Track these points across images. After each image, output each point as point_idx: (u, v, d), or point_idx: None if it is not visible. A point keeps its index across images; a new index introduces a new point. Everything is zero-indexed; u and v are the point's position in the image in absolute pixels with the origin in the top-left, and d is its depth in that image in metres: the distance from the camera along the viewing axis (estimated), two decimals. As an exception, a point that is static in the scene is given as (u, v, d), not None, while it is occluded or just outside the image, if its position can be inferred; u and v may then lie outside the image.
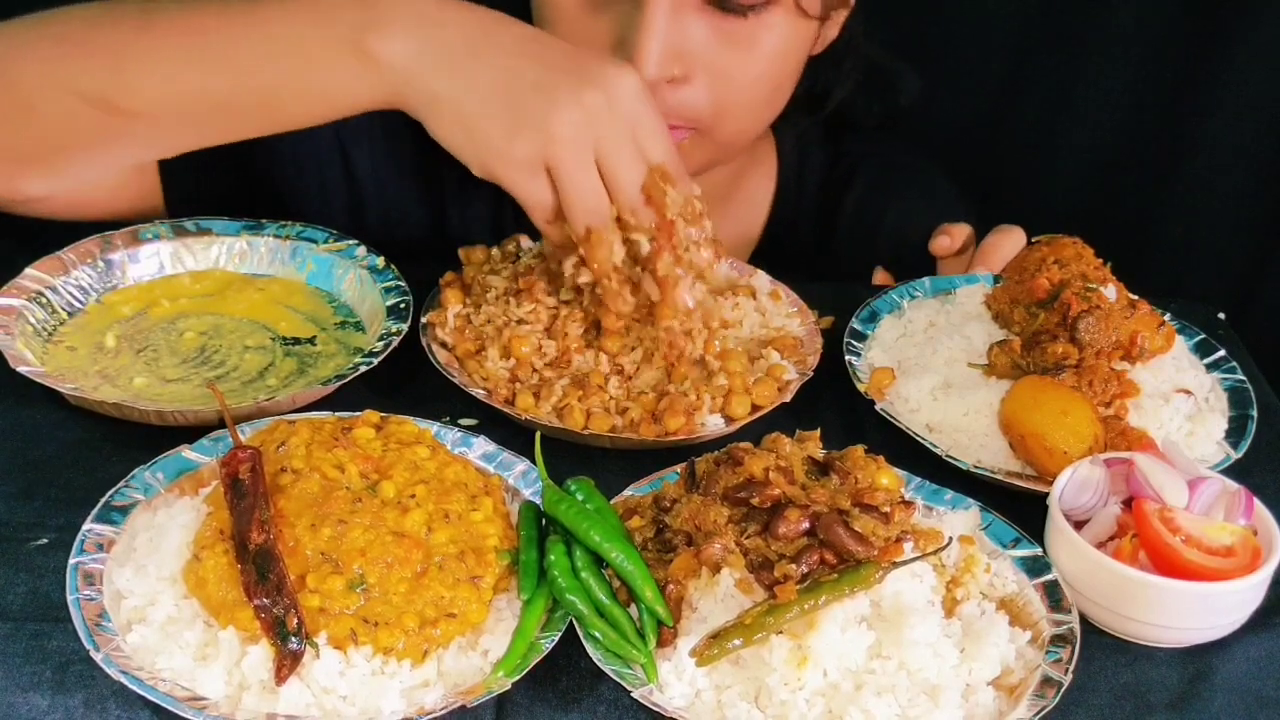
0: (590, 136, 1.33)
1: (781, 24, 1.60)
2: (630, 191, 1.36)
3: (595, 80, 1.33)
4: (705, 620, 1.14)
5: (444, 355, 1.48)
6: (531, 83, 1.33)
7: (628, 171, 1.35)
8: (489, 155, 1.35)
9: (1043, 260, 1.53)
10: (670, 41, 1.53)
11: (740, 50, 1.59)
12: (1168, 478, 1.26)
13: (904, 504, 1.21)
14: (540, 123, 1.32)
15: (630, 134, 1.35)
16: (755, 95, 1.67)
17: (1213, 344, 1.60)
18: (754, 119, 1.72)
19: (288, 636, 1.08)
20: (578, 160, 1.33)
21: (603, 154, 1.34)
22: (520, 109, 1.33)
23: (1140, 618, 1.22)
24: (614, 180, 1.35)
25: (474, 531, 1.20)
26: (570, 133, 1.31)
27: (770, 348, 1.53)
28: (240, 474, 1.16)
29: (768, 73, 1.64)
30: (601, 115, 1.33)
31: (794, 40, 1.64)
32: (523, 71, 1.34)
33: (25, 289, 1.49)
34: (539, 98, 1.32)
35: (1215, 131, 2.19)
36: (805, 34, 1.66)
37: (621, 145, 1.34)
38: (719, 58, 1.58)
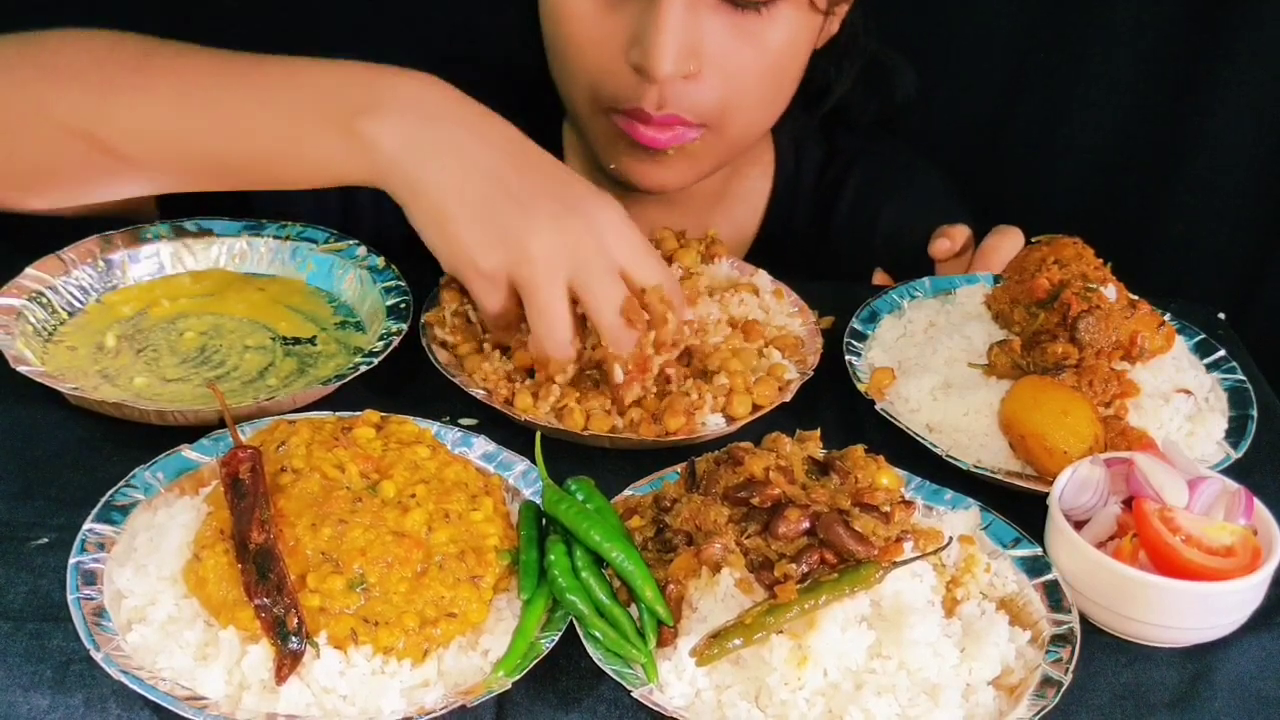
0: (567, 264, 1.33)
1: (791, 18, 1.61)
2: (609, 320, 1.36)
3: (578, 208, 1.34)
4: (705, 620, 1.14)
5: (444, 355, 1.48)
6: (514, 198, 1.34)
7: (605, 297, 1.35)
8: (458, 259, 1.37)
9: (1043, 260, 1.53)
10: (685, 38, 1.54)
11: (752, 45, 1.60)
12: (1168, 478, 1.26)
13: (904, 504, 1.21)
14: (515, 242, 1.32)
15: (609, 264, 1.35)
16: (765, 90, 1.68)
17: (1213, 344, 1.60)
18: (763, 114, 1.73)
19: (288, 636, 1.08)
20: (550, 288, 1.34)
21: (579, 283, 1.34)
22: (497, 223, 1.34)
23: (1140, 618, 1.22)
24: (594, 308, 1.35)
25: (474, 531, 1.20)
26: (545, 258, 1.32)
27: (771, 347, 1.53)
28: (240, 473, 1.16)
29: (777, 67, 1.65)
30: (580, 243, 1.33)
31: (802, 34, 1.65)
32: (507, 182, 1.35)
33: (25, 289, 1.49)
34: (518, 216, 1.33)
35: (1215, 131, 2.18)
36: (812, 27, 1.67)
37: (600, 274, 1.35)
38: (731, 53, 1.59)
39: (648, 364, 1.39)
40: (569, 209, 1.35)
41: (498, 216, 1.34)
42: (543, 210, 1.34)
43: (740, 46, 1.59)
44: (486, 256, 1.34)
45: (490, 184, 1.35)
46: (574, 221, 1.34)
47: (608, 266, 1.36)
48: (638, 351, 1.39)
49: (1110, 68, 2.19)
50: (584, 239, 1.34)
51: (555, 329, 1.36)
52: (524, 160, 1.39)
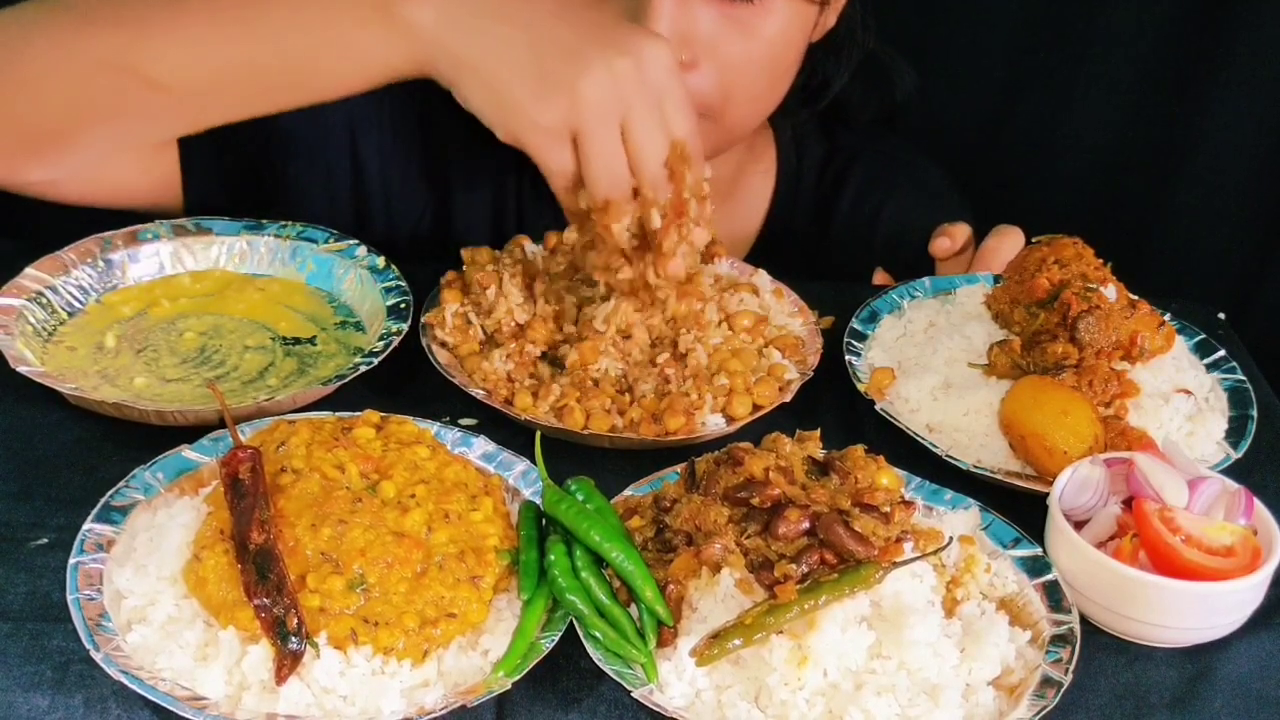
0: (619, 104, 1.32)
1: (784, 8, 1.61)
2: (653, 165, 1.36)
3: (627, 48, 1.33)
4: (705, 620, 1.14)
5: (444, 355, 1.48)
6: (562, 47, 1.33)
7: (652, 143, 1.35)
8: (516, 121, 1.35)
9: (1043, 260, 1.53)
10: (677, 27, 1.53)
11: (745, 35, 1.60)
12: (1168, 478, 1.26)
13: (904, 504, 1.21)
14: (569, 88, 1.31)
15: (658, 105, 1.35)
16: (760, 80, 1.68)
17: (1213, 344, 1.60)
18: (758, 104, 1.73)
19: (288, 636, 1.08)
20: (604, 127, 1.33)
21: (629, 123, 1.33)
22: (549, 74, 1.32)
23: (1140, 617, 1.22)
24: (638, 152, 1.35)
25: (474, 531, 1.20)
26: (599, 99, 1.31)
27: (771, 347, 1.53)
28: (240, 474, 1.16)
29: (771, 57, 1.65)
30: (631, 83, 1.32)
31: (796, 24, 1.66)
32: (554, 36, 1.34)
33: (25, 289, 1.49)
34: (569, 63, 1.32)
35: (1215, 131, 2.19)
36: (806, 18, 1.68)
37: (648, 116, 1.34)
38: (724, 43, 1.59)
39: (684, 208, 1.38)
40: (617, 49, 1.33)
41: (548, 70, 1.33)
42: (592, 54, 1.32)
43: (734, 36, 1.59)
44: (545, 111, 1.33)
45: (537, 44, 1.34)
46: (624, 61, 1.32)
47: (654, 108, 1.35)
48: (674, 197, 1.38)
49: (1110, 68, 2.20)
50: (634, 79, 1.33)
51: (613, 167, 1.34)
52: (567, 13, 1.37)
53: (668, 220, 1.38)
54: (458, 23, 1.35)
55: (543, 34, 1.34)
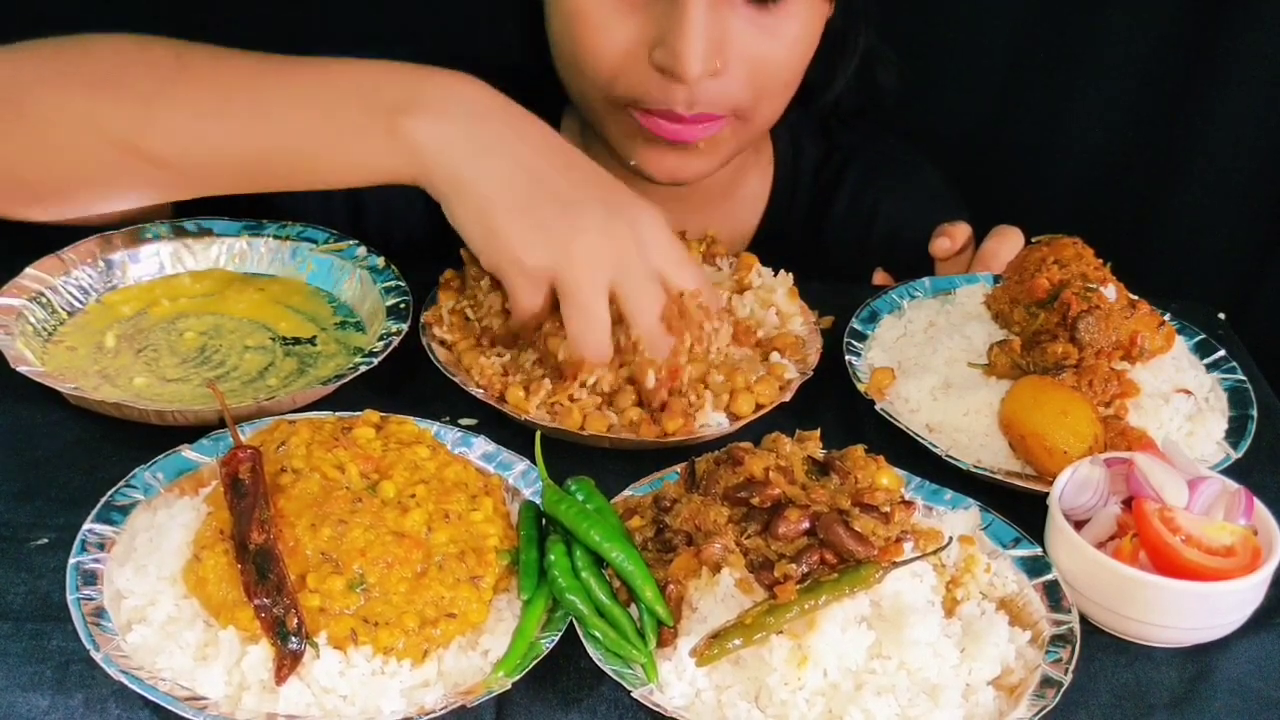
0: (609, 267, 1.34)
1: (805, 8, 1.63)
2: (649, 324, 1.37)
3: (621, 211, 1.35)
4: (705, 620, 1.14)
5: (444, 355, 1.48)
6: (559, 198, 1.34)
7: (648, 304, 1.37)
8: (501, 257, 1.36)
9: (1043, 260, 1.53)
10: (710, 37, 1.54)
11: (773, 38, 1.62)
12: (1168, 477, 1.26)
13: (904, 504, 1.21)
14: (560, 242, 1.33)
15: (651, 269, 1.36)
16: (787, 80, 1.69)
17: (1213, 344, 1.60)
18: (780, 103, 1.73)
19: (288, 636, 1.08)
20: (593, 292, 1.34)
21: (621, 285, 1.35)
22: (542, 222, 1.34)
23: (1140, 617, 1.22)
24: (634, 312, 1.36)
25: (474, 531, 1.20)
26: (589, 259, 1.33)
27: (772, 347, 1.53)
28: (240, 474, 1.16)
29: (795, 56, 1.67)
30: (624, 247, 1.34)
31: (814, 21, 1.68)
32: (552, 183, 1.35)
33: (25, 289, 1.49)
34: (564, 216, 1.34)
35: (1215, 131, 2.19)
36: (822, 14, 1.69)
37: (641, 278, 1.36)
38: (752, 47, 1.60)
39: (678, 372, 1.40)
40: (613, 212, 1.35)
41: (543, 216, 1.34)
42: (587, 212, 1.34)
43: (762, 40, 1.61)
44: (531, 255, 1.34)
45: (535, 184, 1.35)
46: (618, 224, 1.35)
47: (649, 271, 1.37)
48: (671, 358, 1.40)
49: (1110, 68, 2.20)
50: (627, 242, 1.35)
51: (595, 329, 1.36)
52: (567, 162, 1.39)
53: (661, 382, 1.39)
54: (460, 149, 1.36)
55: (543, 180, 1.35)
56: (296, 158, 1.43)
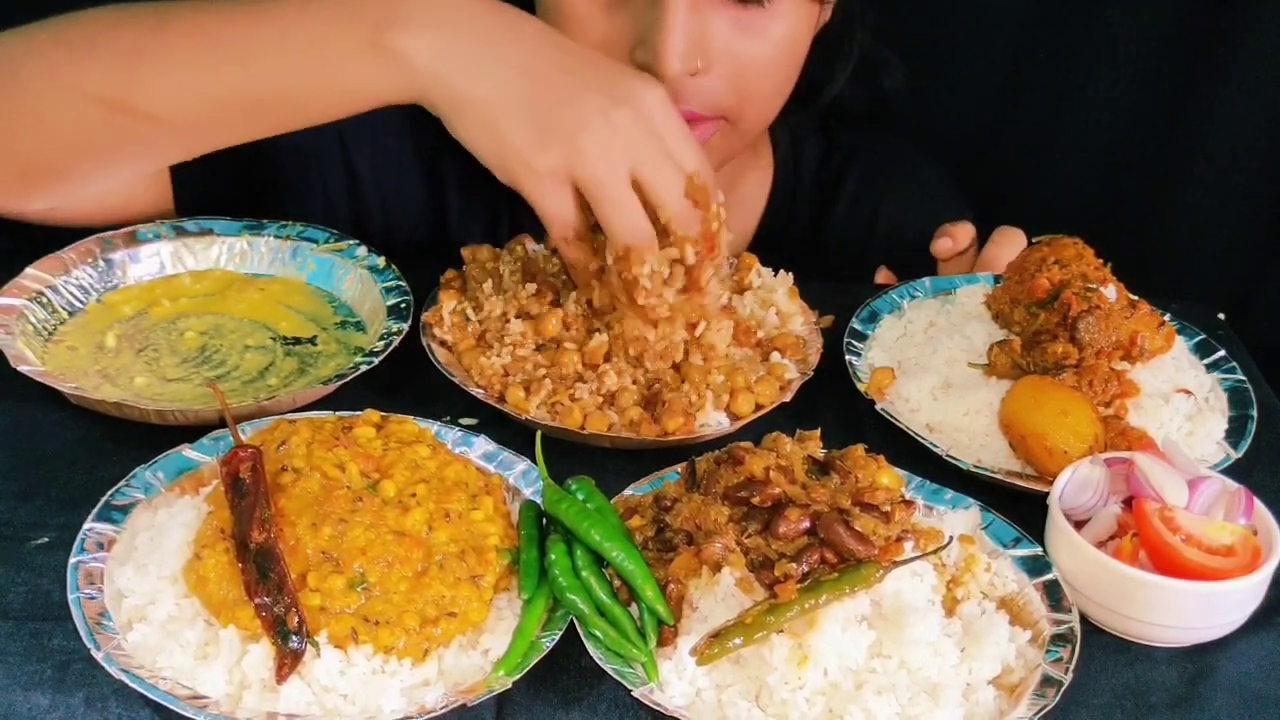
0: (625, 155, 1.32)
1: (792, 10, 1.62)
2: (676, 204, 1.36)
3: (623, 96, 1.33)
4: (706, 619, 1.14)
5: (444, 355, 1.48)
6: (560, 94, 1.33)
7: (669, 184, 1.35)
8: (514, 164, 1.34)
9: (1043, 260, 1.53)
10: (691, 35, 1.53)
11: (756, 38, 1.60)
12: (1168, 477, 1.27)
13: (904, 503, 1.21)
14: (568, 138, 1.31)
15: (664, 148, 1.35)
16: (774, 81, 1.68)
17: (1213, 344, 1.60)
18: (770, 105, 1.73)
19: (288, 635, 1.08)
20: (615, 180, 1.32)
21: (641, 170, 1.34)
22: (548, 122, 1.32)
23: (1140, 617, 1.22)
24: (658, 195, 1.35)
25: (475, 530, 1.20)
26: (602, 152, 1.31)
27: (772, 347, 1.53)
28: (241, 473, 1.16)
29: (781, 58, 1.66)
30: (634, 133, 1.33)
31: (803, 23, 1.66)
32: (550, 80, 1.33)
33: (25, 289, 1.49)
34: (568, 112, 1.32)
35: (1215, 132, 2.18)
36: (812, 15, 1.68)
37: (659, 161, 1.34)
38: (736, 47, 1.59)
39: (715, 240, 1.39)
40: (616, 99, 1.33)
41: (546, 115, 1.32)
42: (590, 104, 1.32)
43: (746, 41, 1.59)
44: (540, 156, 1.32)
45: (533, 83, 1.33)
46: (623, 111, 1.32)
47: (663, 151, 1.35)
48: (704, 229, 1.38)
49: (1110, 68, 2.20)
50: (634, 128, 1.33)
51: (630, 215, 1.34)
52: (562, 54, 1.37)
53: (701, 254, 1.39)
54: (454, 58, 1.34)
55: (541, 78, 1.33)
56: (289, 96, 1.42)
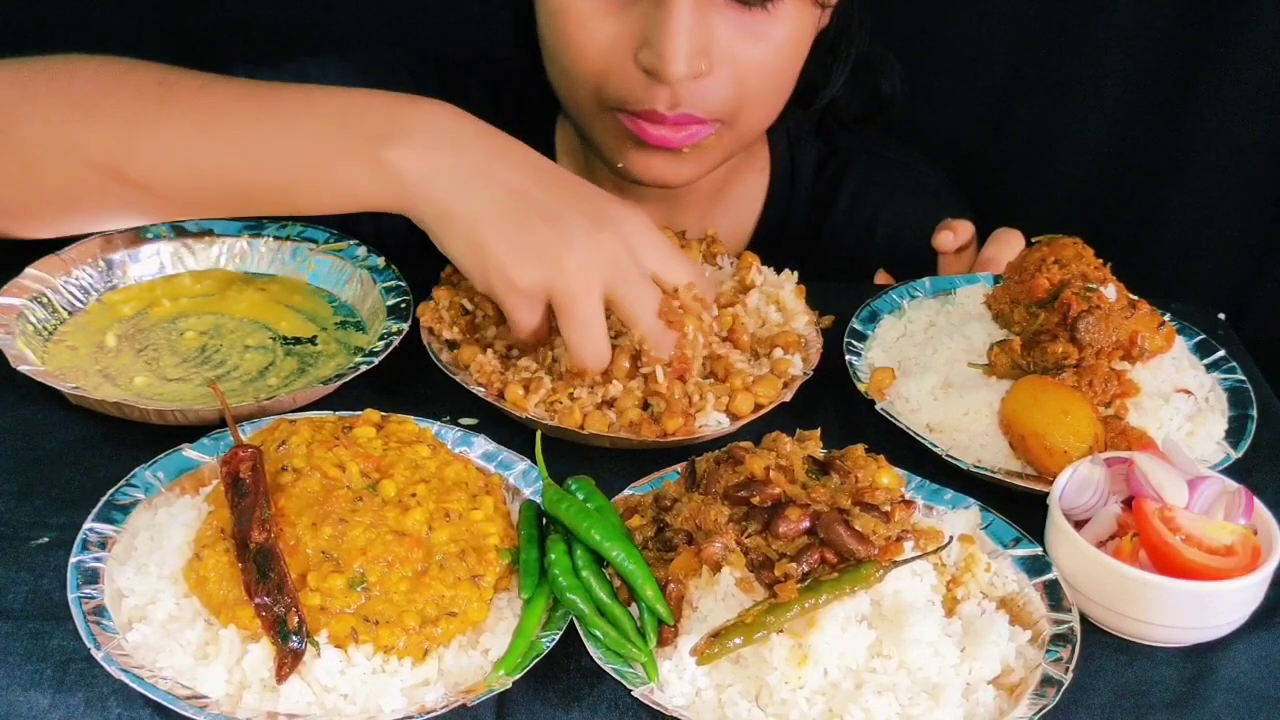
0: (601, 276, 1.35)
1: (794, 13, 1.62)
2: (650, 323, 1.39)
3: (607, 220, 1.36)
4: (706, 619, 1.14)
5: (445, 355, 1.48)
6: (544, 215, 1.35)
7: (643, 305, 1.38)
8: (495, 279, 1.37)
9: (1043, 260, 1.53)
10: (696, 38, 1.53)
11: (760, 42, 1.60)
12: (1168, 477, 1.27)
13: (904, 503, 1.21)
14: (551, 258, 1.34)
15: (642, 272, 1.38)
16: (774, 84, 1.68)
17: (1213, 344, 1.60)
18: (769, 109, 1.73)
19: (288, 635, 1.08)
20: (587, 300, 1.35)
21: (614, 289, 1.36)
22: (531, 241, 1.35)
23: (1140, 617, 1.22)
24: (630, 314, 1.38)
25: (475, 530, 1.20)
26: (581, 271, 1.34)
27: (774, 345, 1.53)
28: (241, 473, 1.16)
29: (783, 61, 1.66)
30: (614, 254, 1.36)
31: (804, 27, 1.66)
32: (536, 201, 1.36)
33: (26, 289, 1.49)
34: (551, 232, 1.34)
35: (1215, 131, 2.19)
36: (813, 19, 1.68)
37: (634, 280, 1.37)
38: (739, 50, 1.59)
39: (688, 363, 1.42)
40: (598, 222, 1.36)
41: (530, 235, 1.35)
42: (574, 225, 1.35)
43: (749, 44, 1.59)
44: (523, 274, 1.35)
45: (519, 204, 1.36)
46: (604, 234, 1.36)
47: (641, 273, 1.38)
48: (678, 352, 1.41)
49: (1110, 68, 2.20)
50: (616, 249, 1.36)
51: (593, 339, 1.37)
52: (549, 179, 1.40)
53: (671, 375, 1.41)
54: (443, 177, 1.37)
55: (527, 200, 1.36)
56: (280, 187, 1.44)
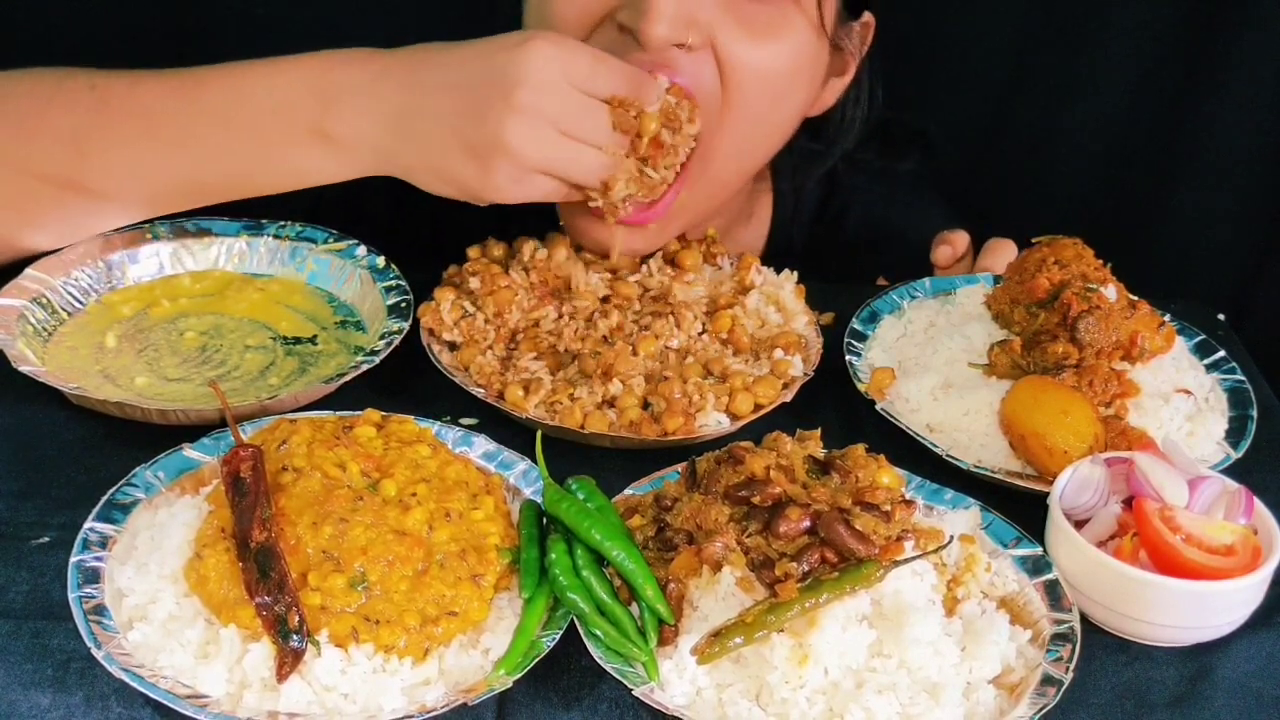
0: (547, 130, 1.38)
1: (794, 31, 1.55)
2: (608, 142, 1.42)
3: (514, 77, 1.37)
4: (706, 618, 1.14)
5: (445, 355, 1.48)
6: (471, 114, 1.38)
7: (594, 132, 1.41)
8: (479, 194, 1.42)
9: (1043, 260, 1.54)
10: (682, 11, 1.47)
11: (750, 36, 1.52)
12: (1168, 477, 1.27)
13: (905, 503, 1.21)
14: (499, 148, 1.37)
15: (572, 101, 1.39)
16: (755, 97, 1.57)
17: (1213, 344, 1.60)
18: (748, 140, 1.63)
19: (289, 634, 1.08)
20: (553, 148, 1.39)
21: (567, 132, 1.39)
22: (475, 145, 1.38)
23: (1140, 616, 1.22)
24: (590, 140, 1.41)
25: (475, 530, 1.20)
26: (527, 138, 1.37)
27: (774, 345, 1.53)
28: (242, 472, 1.16)
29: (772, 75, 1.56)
30: (540, 105, 1.37)
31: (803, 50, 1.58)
32: (459, 107, 1.39)
33: (26, 290, 1.49)
34: (483, 128, 1.37)
35: (1215, 131, 2.19)
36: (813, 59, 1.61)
37: (572, 116, 1.39)
38: (732, 40, 1.52)
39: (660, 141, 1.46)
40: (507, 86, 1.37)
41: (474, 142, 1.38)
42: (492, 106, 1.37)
43: (739, 38, 1.52)
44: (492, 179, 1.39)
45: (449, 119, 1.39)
46: (519, 92, 1.36)
47: (573, 105, 1.40)
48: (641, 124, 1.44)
49: (1110, 67, 2.20)
50: (538, 99, 1.37)
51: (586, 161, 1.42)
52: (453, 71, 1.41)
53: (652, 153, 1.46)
54: (386, 130, 1.41)
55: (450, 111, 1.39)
56: (236, 178, 1.49)
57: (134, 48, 2.14)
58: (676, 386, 1.43)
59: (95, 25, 2.17)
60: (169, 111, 1.46)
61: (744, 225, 1.93)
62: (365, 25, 2.29)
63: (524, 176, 1.40)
